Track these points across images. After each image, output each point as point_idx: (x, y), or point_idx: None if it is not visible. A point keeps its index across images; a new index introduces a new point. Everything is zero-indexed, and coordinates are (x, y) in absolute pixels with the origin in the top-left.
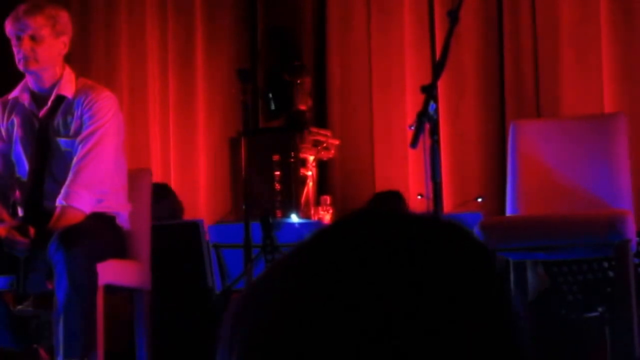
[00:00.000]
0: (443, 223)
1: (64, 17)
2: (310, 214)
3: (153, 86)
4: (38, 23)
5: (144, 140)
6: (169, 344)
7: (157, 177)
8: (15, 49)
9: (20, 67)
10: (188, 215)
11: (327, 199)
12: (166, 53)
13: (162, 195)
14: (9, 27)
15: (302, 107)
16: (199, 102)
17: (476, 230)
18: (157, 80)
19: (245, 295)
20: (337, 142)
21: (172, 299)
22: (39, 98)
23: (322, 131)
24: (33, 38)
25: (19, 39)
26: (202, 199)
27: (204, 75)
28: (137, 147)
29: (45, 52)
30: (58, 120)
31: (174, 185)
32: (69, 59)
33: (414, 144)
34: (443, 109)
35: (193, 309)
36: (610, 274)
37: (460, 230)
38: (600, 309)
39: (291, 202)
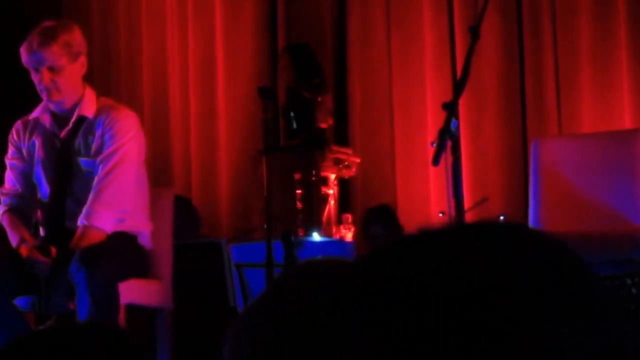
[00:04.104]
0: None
1: (77, 36)
2: (332, 233)
3: (174, 104)
4: (55, 54)
5: (165, 159)
6: None
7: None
8: (35, 80)
9: (44, 97)
10: (209, 234)
11: (349, 217)
12: (187, 70)
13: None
14: (24, 58)
15: (323, 125)
16: (220, 120)
17: None
18: (177, 98)
19: (251, 313)
20: (358, 160)
21: (195, 319)
22: (60, 119)
23: (343, 149)
24: (52, 69)
25: (37, 70)
26: (224, 217)
27: (224, 92)
28: (158, 166)
29: (66, 81)
30: (79, 140)
31: (195, 203)
32: (91, 77)
33: (436, 161)
34: (464, 126)
35: (215, 328)
36: (634, 290)
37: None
38: None
39: (313, 220)
